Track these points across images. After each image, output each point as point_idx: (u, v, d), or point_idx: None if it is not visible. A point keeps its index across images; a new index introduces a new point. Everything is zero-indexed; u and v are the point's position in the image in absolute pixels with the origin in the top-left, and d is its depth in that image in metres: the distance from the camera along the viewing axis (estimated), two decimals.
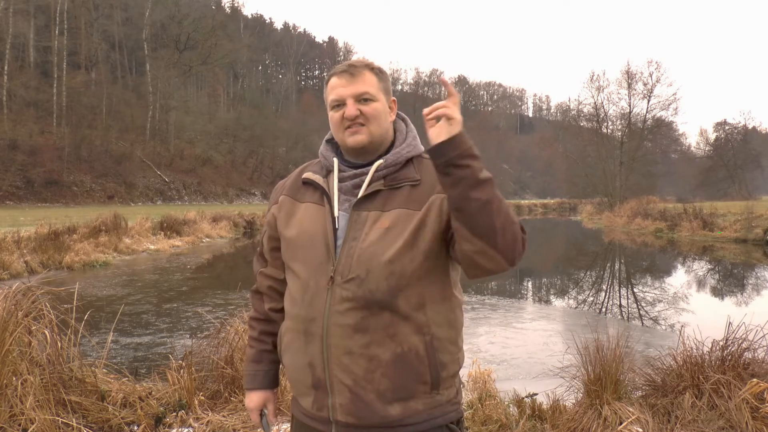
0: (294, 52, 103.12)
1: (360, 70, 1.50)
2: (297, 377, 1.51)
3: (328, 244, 1.44)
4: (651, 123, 47.94)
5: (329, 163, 1.56)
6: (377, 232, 1.41)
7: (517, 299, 10.99)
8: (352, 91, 1.48)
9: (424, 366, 1.42)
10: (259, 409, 1.69)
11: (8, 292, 3.50)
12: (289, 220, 1.55)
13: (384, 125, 1.52)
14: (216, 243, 22.18)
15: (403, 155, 1.51)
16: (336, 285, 1.41)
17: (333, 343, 1.41)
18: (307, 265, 1.47)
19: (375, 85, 1.51)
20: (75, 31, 56.28)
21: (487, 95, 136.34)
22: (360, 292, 1.39)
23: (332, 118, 1.51)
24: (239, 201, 59.24)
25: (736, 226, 23.14)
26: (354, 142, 1.48)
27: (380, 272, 1.39)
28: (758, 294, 12.02)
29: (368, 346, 1.40)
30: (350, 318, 1.40)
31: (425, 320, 1.43)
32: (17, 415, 3.11)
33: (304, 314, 1.46)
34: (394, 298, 1.40)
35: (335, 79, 1.51)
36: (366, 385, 1.40)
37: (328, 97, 1.52)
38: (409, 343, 1.41)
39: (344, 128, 1.49)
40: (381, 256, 1.39)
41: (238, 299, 9.23)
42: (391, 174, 1.48)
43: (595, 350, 3.73)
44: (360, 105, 1.48)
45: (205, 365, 4.08)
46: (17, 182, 42.21)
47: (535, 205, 71.95)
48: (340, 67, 1.53)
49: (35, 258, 12.69)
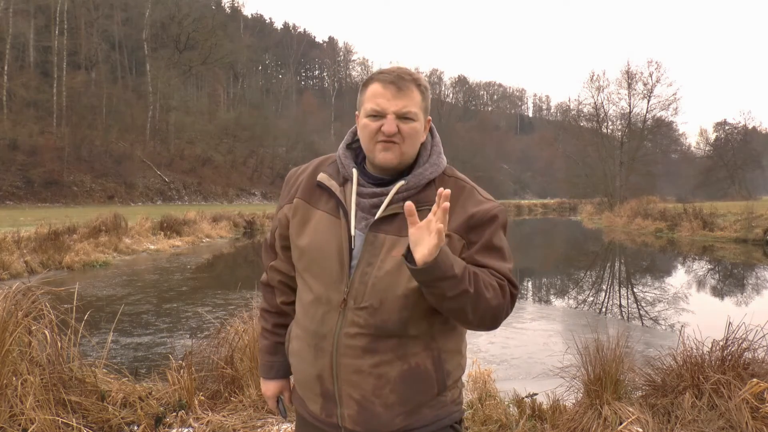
0: (294, 52, 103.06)
1: (408, 84, 1.41)
2: (305, 384, 1.52)
3: (343, 261, 1.42)
4: (651, 123, 47.96)
5: (348, 172, 1.48)
6: (393, 261, 1.37)
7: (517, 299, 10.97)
8: (396, 106, 1.40)
9: (431, 379, 1.44)
10: (276, 396, 1.74)
11: (8, 292, 3.50)
12: (302, 228, 1.49)
13: (416, 146, 1.45)
14: (216, 243, 22.17)
15: (425, 176, 1.44)
16: (348, 309, 1.40)
17: (342, 361, 1.41)
18: (320, 281, 1.45)
19: (418, 104, 1.43)
20: (75, 31, 56.25)
21: (487, 95, 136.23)
22: (372, 321, 1.39)
23: (366, 126, 1.42)
24: (239, 201, 59.22)
25: (736, 226, 23.14)
26: (384, 159, 1.41)
27: (394, 304, 1.38)
28: (758, 294, 12.02)
29: (378, 366, 1.40)
30: (360, 341, 1.40)
31: (432, 336, 1.44)
32: (17, 415, 3.11)
33: (315, 329, 1.45)
34: (405, 327, 1.40)
35: (379, 86, 1.42)
36: (375, 400, 1.41)
37: (366, 103, 1.43)
38: (417, 360, 1.42)
39: (377, 141, 1.41)
40: (396, 289, 1.37)
41: (238, 299, 9.23)
42: (411, 196, 1.42)
43: (595, 350, 3.72)
44: (399, 122, 1.40)
45: (205, 365, 4.08)
46: (17, 182, 42.19)
47: (535, 205, 71.94)
48: (386, 75, 1.42)
49: (35, 258, 12.68)
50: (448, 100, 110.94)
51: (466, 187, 1.48)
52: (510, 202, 72.45)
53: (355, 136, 1.55)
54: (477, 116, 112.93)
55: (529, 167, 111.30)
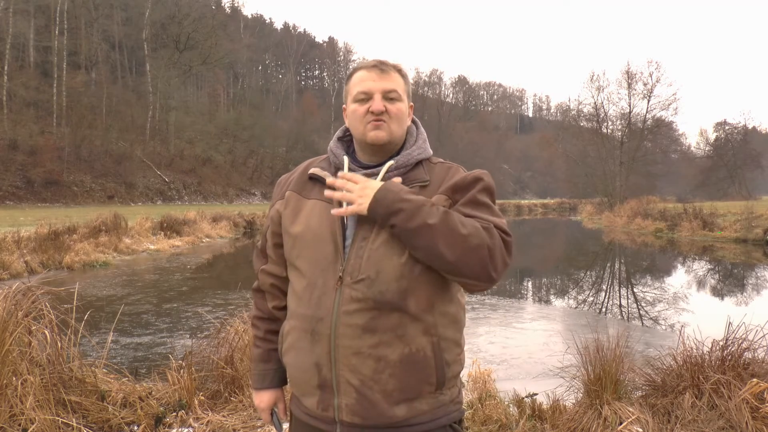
0: (294, 52, 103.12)
1: (389, 68, 1.52)
2: (301, 377, 1.49)
3: (337, 243, 1.43)
4: (651, 123, 47.97)
5: (339, 161, 1.54)
6: (387, 232, 1.40)
7: (517, 299, 10.99)
8: (381, 86, 1.49)
9: (430, 367, 1.42)
10: (270, 408, 1.69)
11: (8, 292, 3.50)
12: (295, 217, 1.52)
13: (403, 127, 1.53)
14: (216, 243, 22.17)
15: (414, 157, 1.51)
16: (345, 285, 1.40)
17: (341, 343, 1.40)
18: (313, 264, 1.45)
19: (402, 87, 1.52)
20: (75, 31, 56.27)
21: (487, 95, 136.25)
22: (370, 293, 1.38)
23: (355, 111, 1.50)
24: (239, 201, 59.24)
25: (736, 226, 23.13)
26: (375, 137, 1.48)
27: (391, 273, 1.39)
28: (758, 294, 12.01)
29: (377, 347, 1.39)
30: (359, 318, 1.39)
31: (433, 321, 1.43)
32: (17, 415, 3.11)
33: (311, 314, 1.44)
34: (404, 300, 1.39)
35: (364, 72, 1.51)
36: (373, 386, 1.39)
37: (353, 89, 1.51)
38: (417, 344, 1.41)
39: (367, 122, 1.48)
40: (392, 257, 1.39)
41: (238, 299, 9.23)
42: (401, 175, 1.49)
43: (595, 350, 3.73)
44: (386, 102, 1.48)
45: (205, 365, 4.08)
46: (17, 182, 42.20)
47: (535, 205, 71.96)
48: (368, 62, 1.53)
49: (35, 258, 12.68)
50: (448, 100, 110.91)
51: (452, 167, 1.55)
52: (510, 202, 72.51)
53: (346, 131, 1.62)
54: (477, 116, 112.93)
55: (529, 167, 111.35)
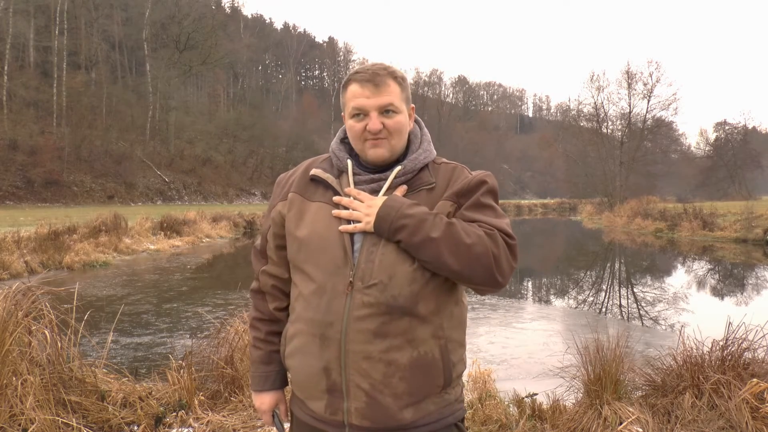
0: (294, 52, 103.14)
1: (384, 79, 1.45)
2: (308, 381, 1.47)
3: (345, 247, 1.42)
4: (651, 123, 48.01)
5: (342, 164, 1.52)
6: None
7: (517, 299, 10.99)
8: (376, 103, 1.44)
9: (438, 369, 1.43)
10: (272, 410, 1.68)
11: (8, 292, 3.50)
12: (299, 220, 1.49)
13: (404, 136, 1.51)
14: (216, 243, 22.16)
15: (420, 161, 1.50)
16: (356, 290, 1.39)
17: (352, 348, 1.39)
18: (321, 269, 1.43)
19: (398, 96, 1.47)
20: (75, 31, 56.29)
21: (487, 95, 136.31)
22: (383, 298, 1.38)
23: (352, 127, 1.47)
24: (239, 201, 59.23)
25: (736, 226, 23.13)
26: (375, 156, 1.47)
27: (404, 278, 1.38)
28: (758, 294, 12.01)
29: (387, 351, 1.38)
30: (370, 323, 1.38)
31: (440, 323, 1.44)
32: (17, 415, 3.11)
33: (321, 318, 1.42)
34: (416, 304, 1.39)
35: (357, 87, 1.46)
36: (383, 389, 1.39)
37: (348, 103, 1.47)
38: (426, 347, 1.41)
39: (365, 139, 1.46)
40: (404, 262, 1.39)
41: (238, 299, 9.23)
42: (408, 180, 1.48)
43: (595, 350, 3.73)
44: (383, 118, 1.45)
45: (205, 365, 4.08)
46: (17, 182, 42.19)
47: (535, 205, 71.96)
48: (362, 74, 1.46)
49: (35, 258, 12.68)
50: (448, 100, 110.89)
51: (457, 167, 1.55)
52: (510, 202, 72.49)
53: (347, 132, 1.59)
54: (477, 116, 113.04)
55: (529, 167, 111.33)
